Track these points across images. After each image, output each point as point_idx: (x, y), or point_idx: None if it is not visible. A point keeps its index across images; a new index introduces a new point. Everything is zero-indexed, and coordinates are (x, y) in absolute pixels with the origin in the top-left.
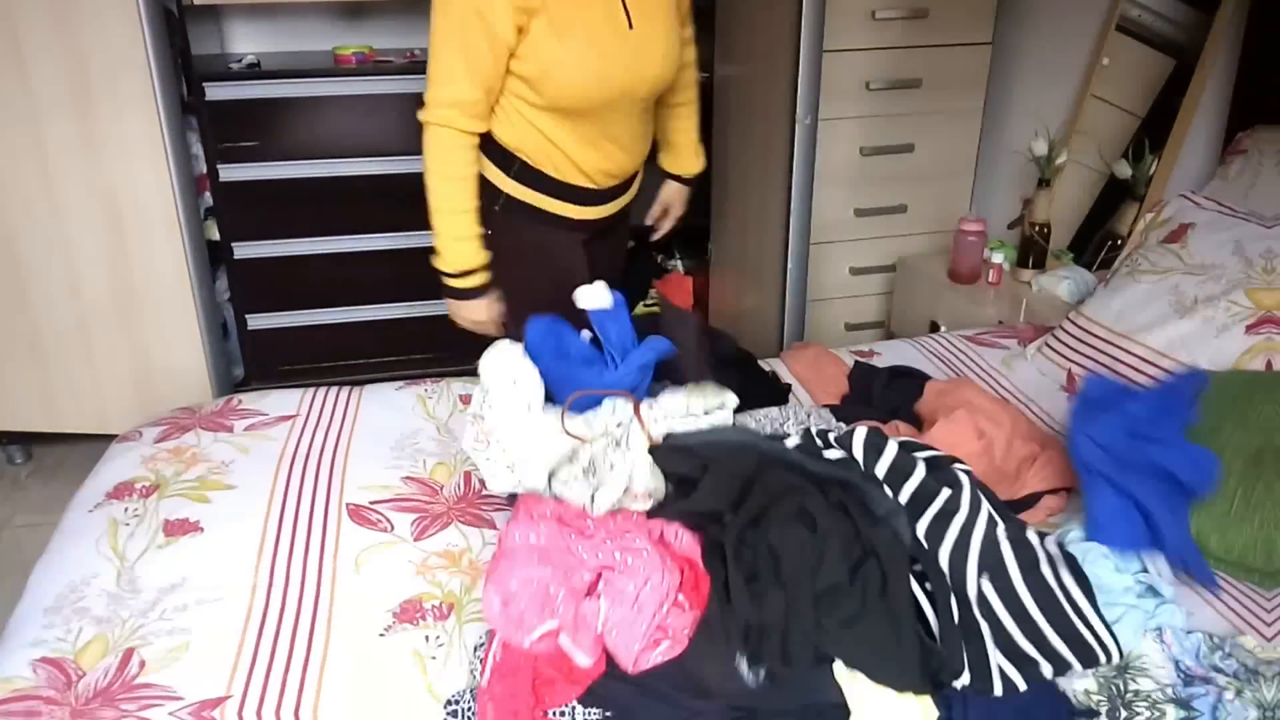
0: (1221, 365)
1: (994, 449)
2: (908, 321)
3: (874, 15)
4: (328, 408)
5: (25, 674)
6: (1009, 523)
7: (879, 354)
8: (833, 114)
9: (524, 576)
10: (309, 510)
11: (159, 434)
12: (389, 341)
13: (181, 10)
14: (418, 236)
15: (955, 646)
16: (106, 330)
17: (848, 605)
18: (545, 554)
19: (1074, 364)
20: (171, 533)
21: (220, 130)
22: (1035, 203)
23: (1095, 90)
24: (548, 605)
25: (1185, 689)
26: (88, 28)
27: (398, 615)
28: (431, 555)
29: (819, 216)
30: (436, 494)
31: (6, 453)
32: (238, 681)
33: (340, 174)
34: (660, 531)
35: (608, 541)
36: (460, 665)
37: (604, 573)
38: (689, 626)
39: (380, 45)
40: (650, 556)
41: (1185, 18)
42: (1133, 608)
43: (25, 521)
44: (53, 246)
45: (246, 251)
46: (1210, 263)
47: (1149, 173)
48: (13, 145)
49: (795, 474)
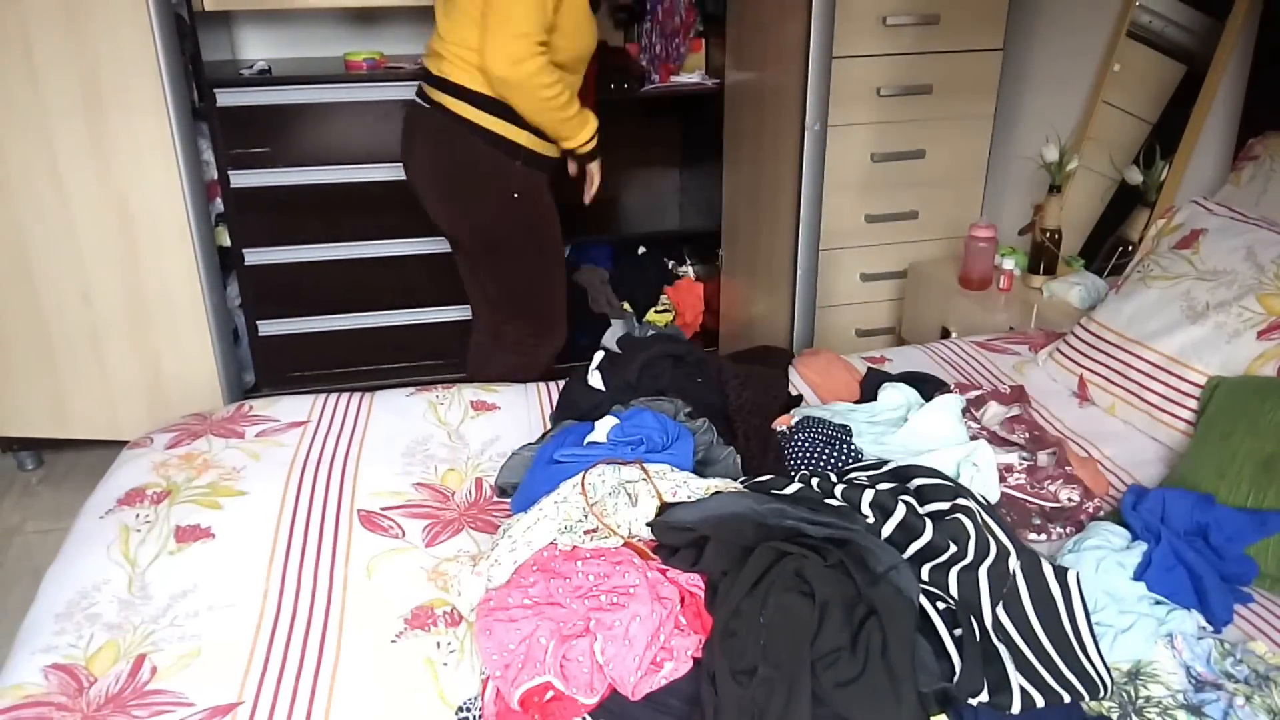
0: (1233, 371)
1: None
2: (919, 327)
3: (884, 21)
4: (339, 414)
5: (37, 680)
6: (1024, 554)
7: (890, 360)
8: (843, 120)
9: (518, 635)
10: (320, 516)
11: (170, 440)
12: (400, 348)
13: (192, 16)
14: (429, 243)
15: (975, 663)
16: (117, 336)
17: (847, 668)
18: (537, 609)
19: (1085, 370)
20: (183, 539)
21: (231, 136)
22: (1046, 209)
23: (1106, 96)
24: (537, 660)
25: (1196, 695)
26: (99, 34)
27: (409, 622)
28: (443, 561)
29: (830, 222)
30: (448, 500)
31: (18, 459)
32: (249, 688)
33: (351, 180)
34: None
35: (595, 587)
36: (472, 672)
37: (593, 615)
38: (693, 648)
39: (391, 51)
40: (640, 591)
41: (1196, 24)
42: (1145, 615)
43: (36, 528)
44: (64, 252)
45: (257, 258)
46: (1222, 268)
47: (1160, 179)
48: (24, 151)
49: (793, 541)
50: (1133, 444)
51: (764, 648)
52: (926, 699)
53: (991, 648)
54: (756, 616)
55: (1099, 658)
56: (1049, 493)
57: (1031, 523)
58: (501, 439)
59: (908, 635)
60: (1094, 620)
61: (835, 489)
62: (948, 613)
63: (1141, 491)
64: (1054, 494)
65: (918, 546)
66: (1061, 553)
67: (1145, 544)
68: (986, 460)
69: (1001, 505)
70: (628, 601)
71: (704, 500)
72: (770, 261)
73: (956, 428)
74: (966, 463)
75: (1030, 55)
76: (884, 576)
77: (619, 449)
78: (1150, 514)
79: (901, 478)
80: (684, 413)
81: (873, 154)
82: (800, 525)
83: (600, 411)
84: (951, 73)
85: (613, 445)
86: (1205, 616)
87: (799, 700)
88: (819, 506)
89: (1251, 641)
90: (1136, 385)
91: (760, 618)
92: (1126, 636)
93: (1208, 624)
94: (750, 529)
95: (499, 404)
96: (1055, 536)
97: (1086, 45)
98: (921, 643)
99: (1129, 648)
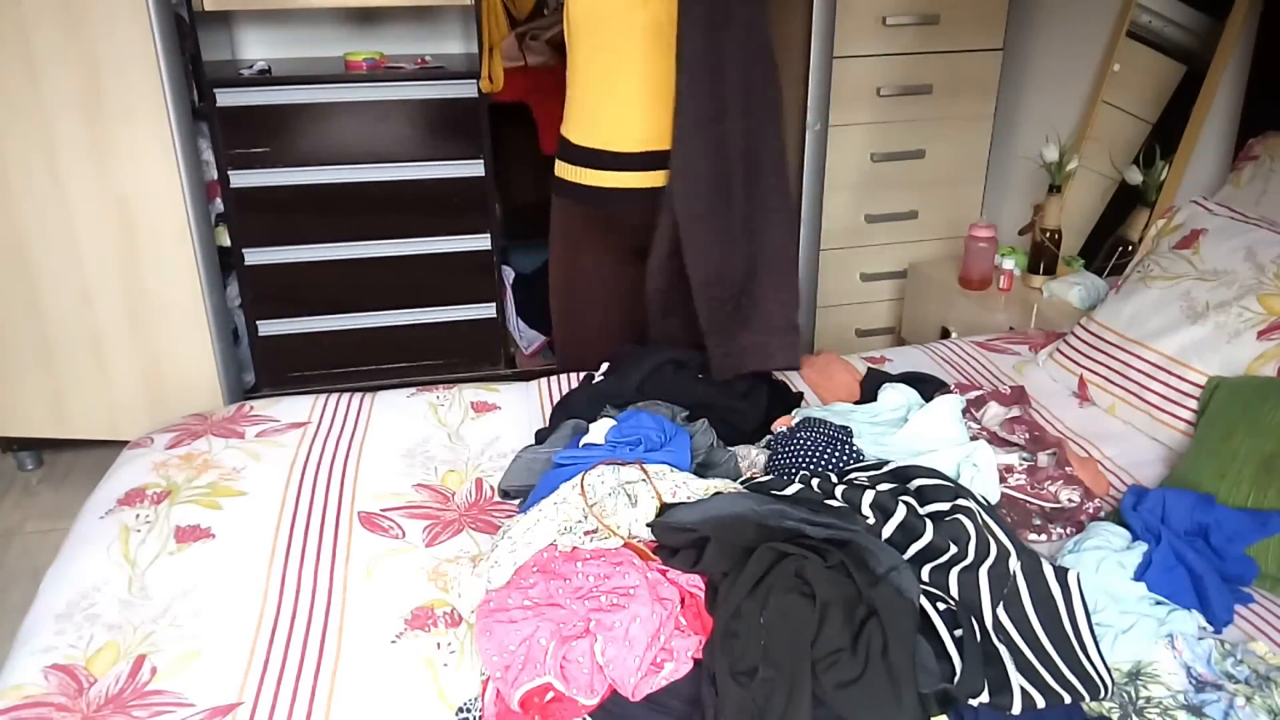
0: (1233, 371)
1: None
2: (918, 327)
3: (885, 21)
4: (339, 414)
5: (37, 681)
6: (1024, 555)
7: (890, 360)
8: (843, 120)
9: (518, 636)
10: (320, 517)
11: (170, 440)
12: (400, 348)
13: (192, 16)
14: (429, 243)
15: (975, 664)
16: (117, 336)
17: (848, 669)
18: (538, 610)
19: (1085, 370)
20: (183, 539)
21: (231, 136)
22: (1046, 209)
23: (1106, 96)
24: (537, 660)
25: (1197, 695)
26: (99, 34)
27: (409, 622)
28: (443, 562)
29: (830, 222)
30: (448, 501)
31: (18, 459)
32: (249, 688)
33: (352, 180)
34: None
35: (596, 588)
36: (472, 672)
37: (593, 615)
38: (694, 649)
39: (391, 51)
40: (640, 592)
41: (1196, 24)
42: (1145, 616)
43: (36, 528)
44: (64, 253)
45: (257, 258)
46: (1222, 269)
47: (1160, 179)
48: (24, 151)
49: (793, 542)
50: (1133, 444)
51: (764, 649)
52: (927, 700)
53: (992, 648)
54: (757, 617)
55: (1099, 658)
56: (1049, 493)
57: (1032, 523)
58: (502, 439)
59: (908, 636)
60: (1094, 621)
61: (836, 490)
62: (948, 613)
63: (1141, 492)
64: (1054, 494)
65: (918, 547)
66: (1061, 553)
67: (1145, 544)
68: (986, 461)
69: (1001, 506)
70: (628, 602)
71: (704, 501)
72: None
73: (956, 428)
74: (967, 463)
75: (1030, 55)
76: (884, 577)
77: (618, 450)
78: (1150, 514)
79: (902, 478)
80: (681, 416)
81: (872, 154)
82: (801, 526)
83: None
84: (951, 73)
85: (611, 446)
86: (1206, 617)
87: (799, 701)
88: (819, 507)
89: (1252, 642)
90: (1136, 385)
91: (761, 619)
92: (1127, 637)
93: (1208, 624)
94: (751, 530)
95: (499, 404)
96: (1055, 537)
97: (1086, 45)
98: (922, 644)
99: (1129, 648)
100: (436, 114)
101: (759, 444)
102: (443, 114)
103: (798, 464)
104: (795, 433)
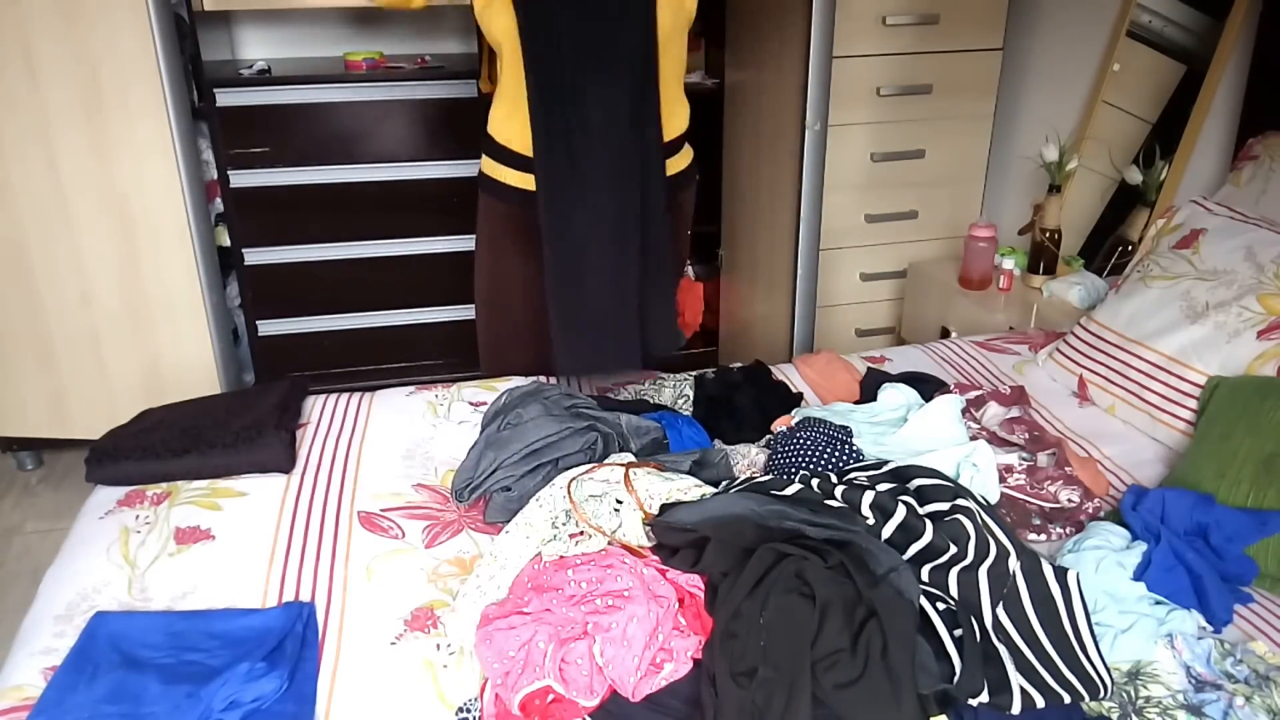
0: (1233, 371)
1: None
2: (918, 327)
3: (884, 21)
4: (338, 414)
5: (36, 681)
6: (1024, 555)
7: (890, 360)
8: (843, 120)
9: (517, 641)
10: (320, 517)
11: None
12: (399, 348)
13: (192, 16)
14: (428, 242)
15: (975, 664)
16: (117, 336)
17: (847, 669)
18: (536, 616)
19: (1085, 370)
20: (183, 540)
21: (231, 136)
22: (1046, 208)
23: (1106, 96)
24: (536, 664)
25: (1196, 695)
26: (98, 34)
27: (409, 623)
28: (443, 563)
29: (829, 222)
30: (448, 501)
31: (17, 459)
32: None
33: (351, 180)
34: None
35: (590, 594)
36: (472, 673)
37: (589, 619)
38: (694, 649)
39: (391, 51)
40: (634, 592)
41: (1196, 24)
42: (1145, 615)
43: (36, 528)
44: (64, 253)
45: (257, 257)
46: (1222, 268)
47: (1160, 178)
48: (24, 152)
49: (793, 542)
50: (1132, 444)
51: (764, 649)
52: (927, 700)
53: (992, 648)
54: (757, 618)
55: (1099, 658)
56: (1049, 493)
57: (1031, 523)
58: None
59: (908, 637)
60: (1094, 620)
61: (836, 490)
62: (948, 613)
63: (1141, 491)
64: (1054, 494)
65: (918, 548)
66: (1061, 553)
67: (1145, 544)
68: (986, 460)
69: (1001, 506)
70: (623, 604)
71: (704, 501)
72: (770, 261)
73: (956, 428)
74: (966, 463)
75: (1030, 55)
76: (884, 578)
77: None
78: (1150, 514)
79: (901, 478)
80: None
81: (872, 154)
82: (801, 526)
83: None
84: (951, 72)
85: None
86: (1205, 616)
87: (799, 702)
88: (819, 508)
89: (1251, 641)
90: (1136, 385)
91: (761, 619)
92: (1126, 637)
93: (1208, 624)
94: (751, 530)
95: None
96: (1055, 537)
97: (1086, 45)
98: (922, 644)
99: (1129, 648)
100: (436, 114)
101: (759, 444)
102: (442, 114)
103: (798, 464)
104: (795, 433)
